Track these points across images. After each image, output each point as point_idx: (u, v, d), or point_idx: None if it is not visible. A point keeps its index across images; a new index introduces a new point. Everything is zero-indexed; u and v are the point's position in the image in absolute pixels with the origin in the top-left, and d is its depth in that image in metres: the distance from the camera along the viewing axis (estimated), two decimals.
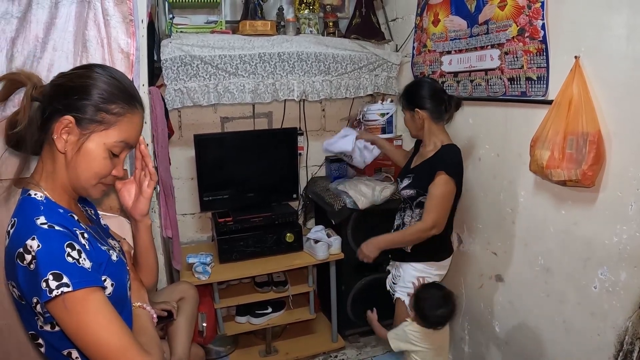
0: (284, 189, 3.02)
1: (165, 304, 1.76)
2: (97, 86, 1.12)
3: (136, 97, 1.21)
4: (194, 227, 3.12)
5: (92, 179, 1.16)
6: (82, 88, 1.11)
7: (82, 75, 1.14)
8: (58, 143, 1.10)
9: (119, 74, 1.22)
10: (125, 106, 1.16)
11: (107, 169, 1.17)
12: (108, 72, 1.17)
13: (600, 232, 1.74)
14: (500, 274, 2.30)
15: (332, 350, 2.92)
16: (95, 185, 1.19)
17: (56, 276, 0.97)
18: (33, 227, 1.02)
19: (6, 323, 1.79)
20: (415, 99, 2.20)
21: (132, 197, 1.40)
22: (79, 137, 1.11)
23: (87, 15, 1.71)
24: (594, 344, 1.81)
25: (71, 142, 1.11)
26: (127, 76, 1.28)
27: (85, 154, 1.12)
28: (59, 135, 1.10)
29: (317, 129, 3.29)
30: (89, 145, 1.12)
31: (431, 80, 2.32)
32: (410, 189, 2.20)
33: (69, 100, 1.10)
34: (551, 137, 1.74)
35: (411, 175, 2.22)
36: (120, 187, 1.40)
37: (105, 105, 1.12)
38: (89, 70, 1.15)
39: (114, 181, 1.27)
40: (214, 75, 2.61)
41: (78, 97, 1.11)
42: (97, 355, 1.01)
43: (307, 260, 2.72)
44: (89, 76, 1.13)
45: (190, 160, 2.90)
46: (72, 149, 1.12)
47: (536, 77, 1.94)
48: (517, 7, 1.96)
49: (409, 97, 2.23)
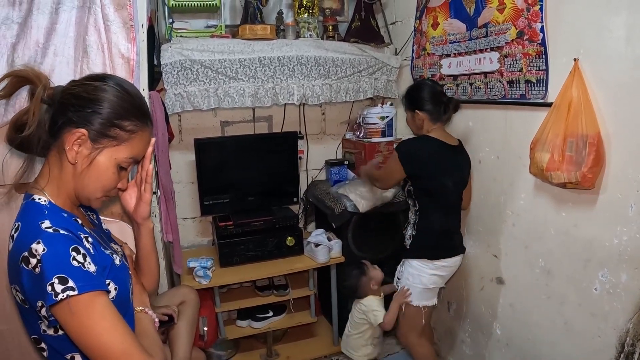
0: (284, 193, 3.02)
1: (166, 308, 1.76)
2: (112, 101, 1.13)
3: (147, 114, 1.23)
4: (195, 231, 3.12)
5: (98, 191, 1.18)
6: (97, 101, 1.12)
7: (98, 87, 1.14)
8: (69, 154, 1.11)
9: (133, 89, 1.22)
10: (139, 123, 1.17)
11: (114, 183, 1.20)
12: (123, 86, 1.18)
13: (601, 234, 1.74)
14: (500, 276, 2.30)
15: (333, 353, 2.91)
16: (99, 198, 1.21)
17: (62, 280, 0.98)
18: (38, 231, 1.02)
19: (8, 327, 1.79)
20: (415, 100, 2.30)
21: (134, 201, 1.41)
22: (90, 150, 1.12)
23: (87, 21, 1.71)
24: (595, 345, 1.81)
25: (82, 155, 1.12)
26: (139, 92, 1.27)
27: (95, 167, 1.14)
28: (70, 147, 1.10)
29: (317, 133, 3.29)
30: (100, 159, 1.13)
31: (432, 83, 2.38)
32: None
33: (83, 112, 1.11)
34: (551, 139, 1.75)
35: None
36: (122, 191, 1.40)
37: (119, 121, 1.14)
38: (104, 83, 1.15)
39: (116, 193, 1.30)
40: (214, 79, 2.61)
41: (92, 110, 1.11)
42: (101, 359, 1.01)
43: (307, 264, 2.71)
44: (105, 89, 1.13)
45: (191, 164, 2.90)
46: (83, 161, 1.12)
47: (535, 80, 1.94)
48: (516, 10, 1.96)
49: (410, 99, 2.33)
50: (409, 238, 2.37)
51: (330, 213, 2.77)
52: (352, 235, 2.82)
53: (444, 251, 2.31)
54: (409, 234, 2.39)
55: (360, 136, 3.11)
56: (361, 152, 3.02)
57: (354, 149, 3.14)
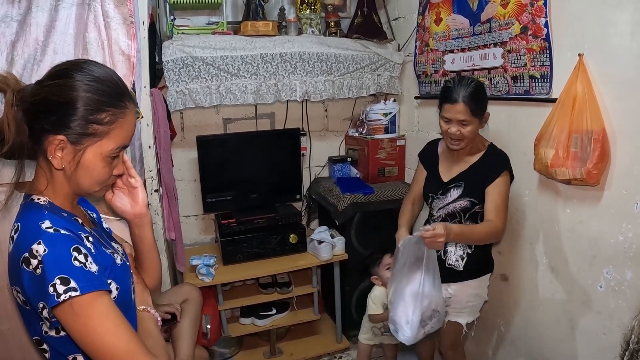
0: (287, 190, 3.01)
1: (168, 307, 1.76)
2: (83, 98, 1.05)
3: (124, 95, 1.13)
4: (197, 229, 3.12)
5: (94, 186, 1.16)
6: (67, 103, 1.04)
7: (64, 86, 1.05)
8: (54, 162, 1.07)
9: (101, 71, 1.11)
10: (116, 111, 1.09)
11: (107, 175, 1.16)
12: (89, 75, 1.07)
13: (606, 231, 1.73)
14: (505, 274, 2.29)
15: (336, 351, 2.91)
16: (98, 190, 1.19)
17: (63, 281, 0.96)
18: (38, 232, 1.01)
19: (9, 327, 1.79)
20: (485, 102, 1.98)
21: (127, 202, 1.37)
22: (74, 153, 1.07)
23: (87, 18, 1.70)
24: (600, 343, 1.80)
25: (67, 159, 1.08)
26: (111, 70, 1.16)
27: (83, 166, 1.10)
28: (53, 155, 1.06)
29: (319, 129, 3.28)
30: (86, 158, 1.09)
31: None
32: (464, 199, 2.02)
33: (55, 118, 1.04)
34: (555, 135, 1.73)
35: (461, 184, 2.04)
36: (110, 199, 1.36)
37: (95, 116, 1.06)
38: (70, 80, 1.05)
39: (115, 180, 1.29)
40: (215, 76, 2.61)
41: (64, 113, 1.04)
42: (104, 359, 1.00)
43: (311, 261, 2.71)
44: (72, 87, 1.05)
45: (193, 161, 2.90)
46: (69, 164, 1.09)
47: (540, 76, 1.93)
48: (520, 5, 1.95)
49: (482, 102, 1.96)
50: (459, 259, 2.07)
51: (333, 210, 2.77)
52: (355, 233, 2.81)
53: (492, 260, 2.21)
54: (456, 255, 2.08)
55: (363, 133, 3.10)
56: (364, 149, 3.01)
57: (356, 145, 3.13)
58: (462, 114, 1.89)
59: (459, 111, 1.89)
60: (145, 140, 2.01)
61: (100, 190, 1.21)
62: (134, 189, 1.36)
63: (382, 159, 2.99)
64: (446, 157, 2.16)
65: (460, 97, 1.88)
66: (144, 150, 2.02)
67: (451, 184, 2.07)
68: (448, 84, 1.97)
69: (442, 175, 2.13)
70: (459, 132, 1.92)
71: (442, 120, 1.98)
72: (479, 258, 2.09)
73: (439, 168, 2.16)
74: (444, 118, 1.96)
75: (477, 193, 1.99)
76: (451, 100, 1.90)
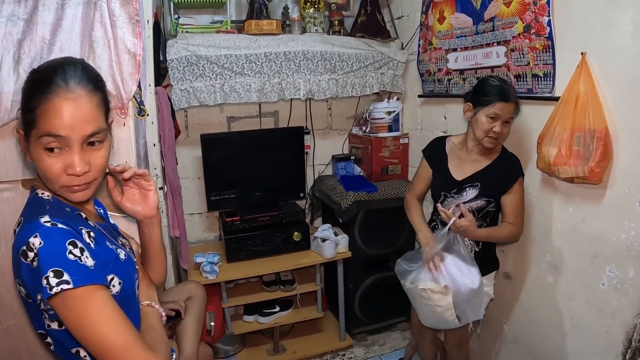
0: (290, 188, 3.02)
1: (173, 304, 1.77)
2: (23, 89, 1.10)
3: (52, 80, 1.06)
4: (202, 227, 3.13)
5: (50, 183, 1.11)
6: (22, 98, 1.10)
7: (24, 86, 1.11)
8: (25, 157, 1.13)
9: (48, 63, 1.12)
10: (40, 96, 1.05)
11: (53, 170, 1.08)
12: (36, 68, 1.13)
13: (608, 229, 1.73)
14: (508, 272, 2.29)
15: (339, 348, 2.92)
16: (61, 189, 1.11)
17: (57, 273, 0.97)
18: (36, 225, 1.02)
19: (15, 323, 1.80)
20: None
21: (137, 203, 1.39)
22: (28, 145, 1.10)
23: (93, 16, 1.71)
24: (602, 341, 1.80)
25: (28, 153, 1.11)
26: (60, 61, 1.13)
27: (35, 160, 1.09)
28: (22, 149, 1.12)
29: (323, 128, 3.29)
30: (33, 149, 1.09)
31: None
32: (480, 198, 2.02)
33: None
34: (558, 134, 1.74)
35: (477, 184, 2.03)
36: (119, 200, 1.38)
37: (27, 104, 1.07)
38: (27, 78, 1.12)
39: (80, 182, 1.11)
40: (220, 74, 2.62)
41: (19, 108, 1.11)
42: (101, 353, 1.01)
43: (314, 259, 2.71)
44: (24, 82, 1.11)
45: (197, 159, 2.91)
46: (33, 159, 1.10)
47: (542, 74, 1.93)
48: (523, 3, 1.95)
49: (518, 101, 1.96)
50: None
51: (337, 208, 2.77)
52: (358, 230, 2.82)
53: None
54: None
55: (366, 131, 3.11)
56: (367, 147, 3.02)
57: (360, 143, 3.14)
58: (511, 113, 1.91)
59: (511, 110, 1.90)
60: (150, 138, 2.02)
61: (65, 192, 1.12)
62: (147, 191, 1.39)
63: (386, 157, 3.00)
64: (455, 156, 2.15)
65: (512, 96, 1.89)
66: (149, 148, 2.03)
67: (466, 184, 2.06)
68: (495, 82, 1.94)
69: (453, 174, 2.11)
70: (501, 130, 1.92)
71: (486, 117, 1.92)
72: (486, 256, 2.11)
73: (448, 166, 2.15)
74: (493, 115, 1.91)
75: (492, 193, 2.01)
76: (506, 99, 1.88)
